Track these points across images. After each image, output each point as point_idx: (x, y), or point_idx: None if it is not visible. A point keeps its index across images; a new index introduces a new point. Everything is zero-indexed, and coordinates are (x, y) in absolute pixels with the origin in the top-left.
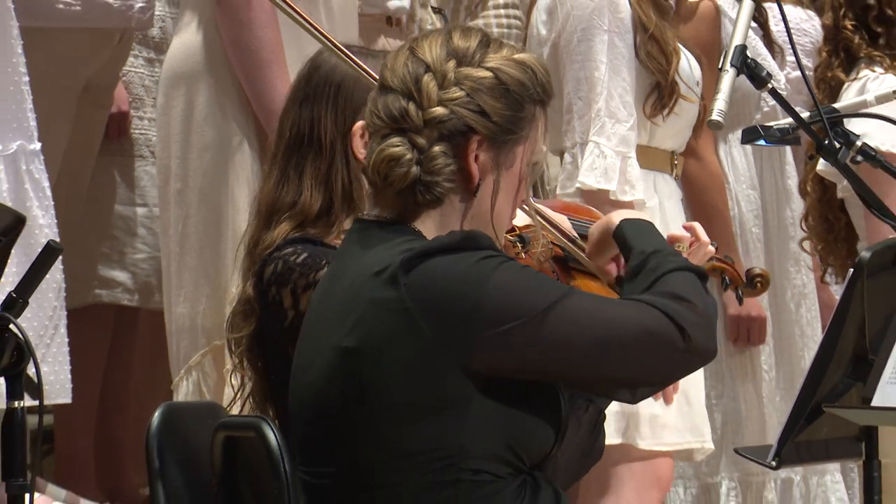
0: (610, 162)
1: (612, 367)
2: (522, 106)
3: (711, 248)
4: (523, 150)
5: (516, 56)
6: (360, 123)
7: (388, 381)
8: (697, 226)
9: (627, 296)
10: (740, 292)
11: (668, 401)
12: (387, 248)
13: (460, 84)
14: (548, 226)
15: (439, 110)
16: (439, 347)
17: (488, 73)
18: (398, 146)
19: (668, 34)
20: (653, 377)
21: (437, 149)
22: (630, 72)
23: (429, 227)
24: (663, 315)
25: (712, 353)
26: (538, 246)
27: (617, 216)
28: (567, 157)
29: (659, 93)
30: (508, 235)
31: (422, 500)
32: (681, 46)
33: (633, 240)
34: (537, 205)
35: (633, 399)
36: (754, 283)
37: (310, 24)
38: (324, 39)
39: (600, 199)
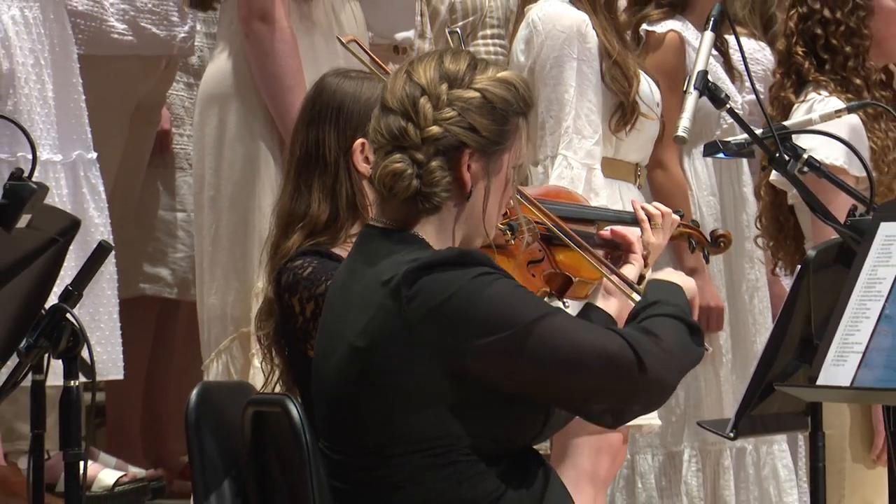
0: (576, 172)
1: (575, 387)
2: (507, 119)
3: (676, 217)
4: (509, 157)
5: (500, 75)
6: (359, 141)
7: (393, 379)
8: (660, 205)
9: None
10: (706, 251)
11: None
12: (395, 257)
13: (452, 105)
14: (541, 214)
15: (435, 129)
16: (436, 352)
17: (476, 94)
18: (400, 162)
19: (629, 61)
20: (608, 398)
21: (434, 163)
22: (596, 94)
23: (429, 231)
24: (626, 343)
25: (669, 386)
26: (525, 232)
27: (653, 276)
28: (540, 168)
29: (622, 111)
30: (499, 225)
31: (424, 478)
32: (641, 72)
33: (649, 292)
34: (527, 191)
35: (613, 424)
36: (718, 242)
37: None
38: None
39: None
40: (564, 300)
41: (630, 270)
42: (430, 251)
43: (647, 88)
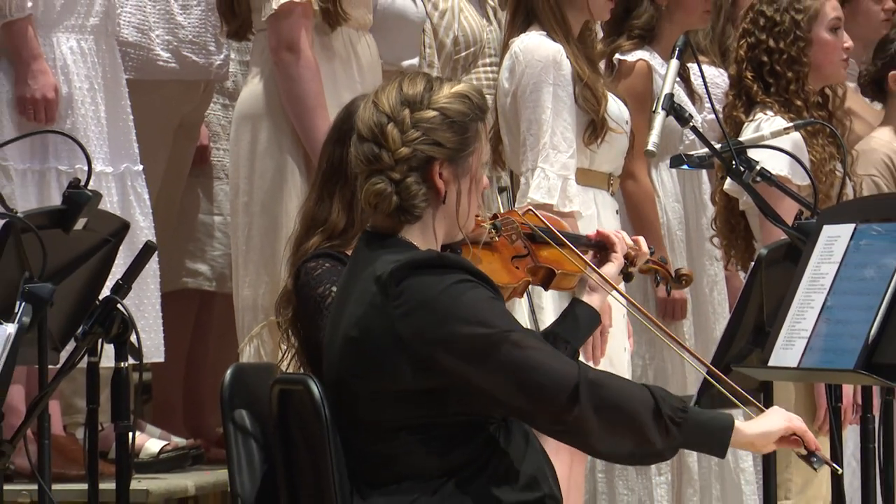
0: (553, 182)
1: (522, 399)
2: (467, 128)
3: (646, 250)
4: (474, 158)
5: (454, 90)
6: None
7: (380, 366)
8: (641, 239)
9: None
10: (669, 287)
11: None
12: (386, 257)
13: (416, 126)
14: (524, 217)
15: (404, 150)
16: (414, 345)
17: (436, 113)
18: (379, 184)
19: (598, 84)
20: (535, 413)
21: (409, 179)
22: (570, 113)
23: (415, 234)
24: (577, 376)
25: (591, 432)
26: (511, 229)
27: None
28: (522, 179)
29: (593, 127)
30: (484, 224)
31: (417, 449)
32: (610, 94)
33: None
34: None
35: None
36: (680, 280)
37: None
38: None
39: (548, 210)
40: (549, 289)
41: (611, 268)
42: (413, 254)
43: (616, 108)
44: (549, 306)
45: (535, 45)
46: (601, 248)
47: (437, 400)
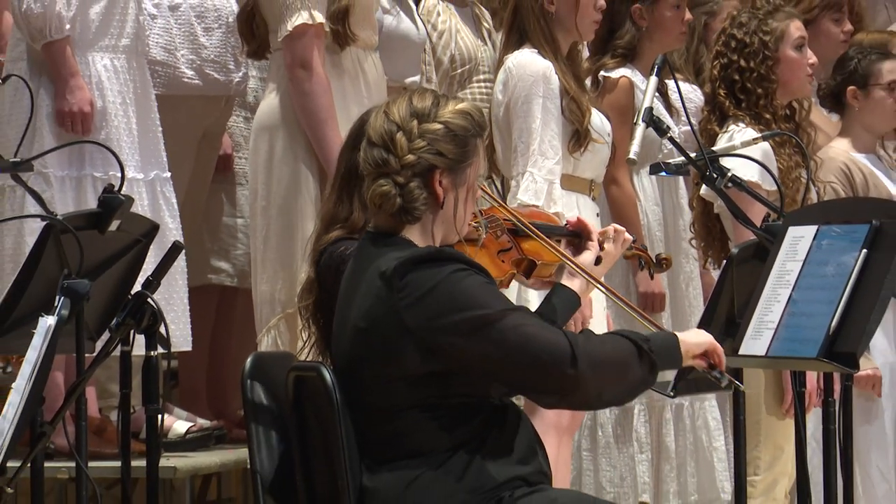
0: (539, 186)
1: (520, 371)
2: (467, 142)
3: (629, 237)
4: (471, 170)
5: (458, 107)
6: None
7: (388, 353)
8: (620, 227)
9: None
10: (652, 270)
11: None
12: (389, 254)
13: (422, 136)
14: (509, 213)
15: (410, 157)
16: (418, 332)
17: (441, 126)
18: (385, 185)
19: (583, 98)
20: (536, 386)
21: (412, 184)
22: (557, 124)
23: (414, 234)
24: (567, 342)
25: (592, 387)
26: (496, 226)
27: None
28: (513, 182)
29: (577, 137)
30: (472, 223)
31: (422, 427)
32: (593, 108)
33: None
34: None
35: (549, 406)
36: (661, 263)
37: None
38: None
39: (535, 211)
40: (531, 278)
41: (587, 255)
42: (413, 250)
43: (599, 120)
44: (533, 297)
45: (527, 61)
46: (577, 236)
47: (440, 383)
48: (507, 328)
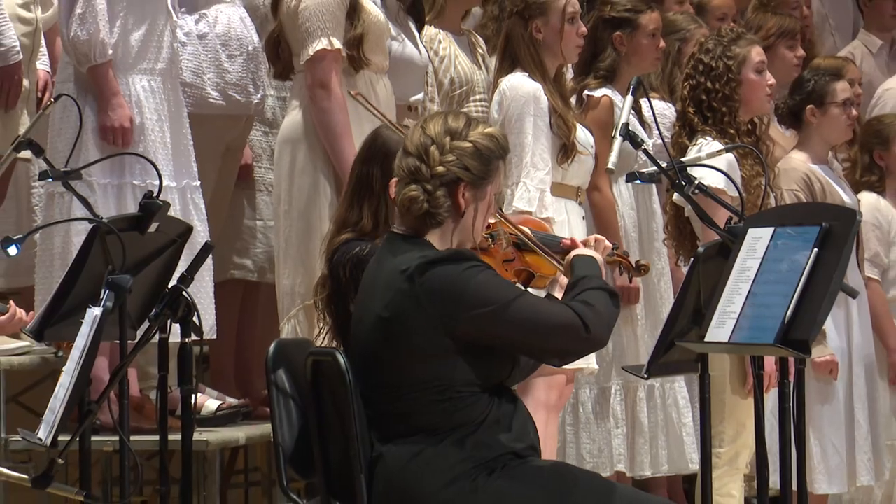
0: (532, 194)
1: (540, 342)
2: (491, 162)
3: (609, 245)
4: (491, 188)
5: (486, 131)
6: (394, 179)
7: (406, 339)
8: (601, 237)
9: (562, 300)
10: (630, 275)
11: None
12: (410, 254)
13: (453, 151)
14: (514, 228)
15: (440, 169)
16: (437, 321)
17: (470, 144)
18: (415, 191)
19: (569, 115)
20: (564, 352)
21: (439, 193)
22: (547, 138)
23: (435, 238)
24: (575, 314)
25: (604, 339)
26: (503, 239)
27: (575, 252)
28: (508, 191)
29: (564, 150)
30: (484, 234)
31: (428, 409)
32: (578, 123)
33: (576, 268)
34: (510, 216)
35: (560, 364)
36: (640, 269)
37: (379, 113)
38: (385, 120)
39: (528, 218)
40: (528, 289)
41: None
42: (435, 251)
43: (583, 135)
44: None
45: (519, 83)
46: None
47: (449, 369)
48: (522, 310)
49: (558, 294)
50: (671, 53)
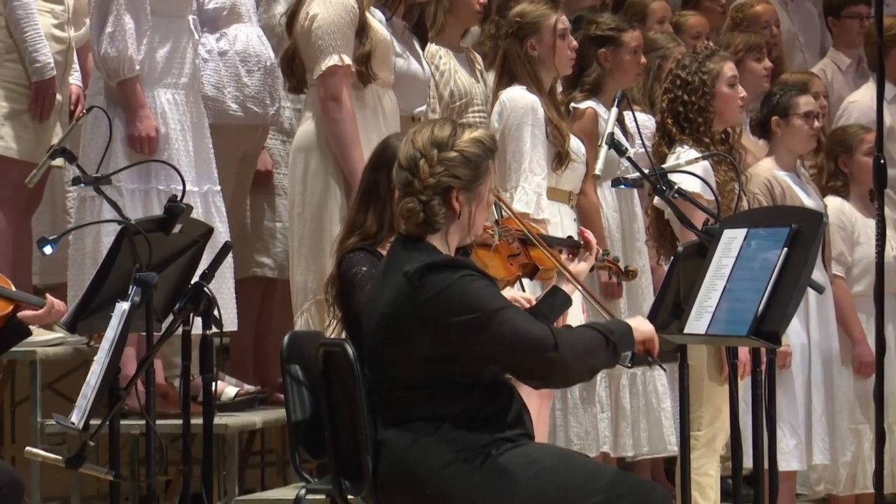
0: (530, 197)
1: (512, 355)
2: (479, 166)
3: (598, 249)
4: (485, 187)
5: (472, 136)
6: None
7: (406, 336)
8: (593, 240)
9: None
10: (620, 280)
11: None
12: (413, 255)
13: (441, 163)
14: (521, 225)
15: (431, 181)
16: (431, 323)
17: (457, 154)
18: (411, 203)
19: (563, 125)
20: (529, 371)
21: (434, 202)
22: (543, 147)
23: (436, 240)
24: (550, 333)
25: (573, 368)
26: (508, 235)
27: (632, 322)
28: (507, 194)
29: (559, 157)
30: (488, 230)
31: (428, 399)
32: (572, 135)
33: (614, 326)
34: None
35: (535, 386)
36: (628, 274)
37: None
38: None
39: (526, 218)
40: (533, 280)
41: (583, 266)
42: (435, 254)
43: (576, 144)
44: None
45: (518, 96)
46: (577, 247)
47: (446, 363)
48: (503, 323)
49: (566, 288)
50: (651, 69)
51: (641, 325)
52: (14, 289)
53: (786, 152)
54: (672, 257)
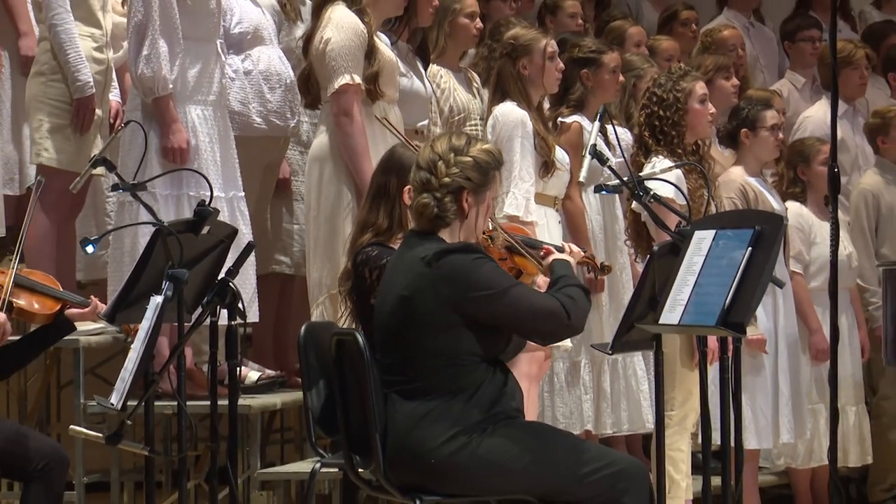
0: (519, 202)
1: (529, 324)
2: (488, 173)
3: (578, 250)
4: (490, 193)
5: (484, 147)
6: (407, 187)
7: (422, 315)
8: (573, 245)
9: (548, 291)
10: (597, 274)
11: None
12: (426, 246)
13: (457, 165)
14: (508, 235)
15: (446, 180)
16: (447, 300)
17: (470, 159)
18: (426, 199)
19: (549, 138)
20: (548, 334)
21: (447, 200)
22: (532, 156)
23: (445, 235)
24: (560, 304)
25: (581, 328)
26: (499, 241)
27: (554, 256)
28: (499, 198)
29: (545, 166)
30: (483, 236)
31: (436, 375)
32: (557, 146)
33: (556, 269)
34: (502, 224)
35: (543, 343)
36: (604, 269)
37: (397, 131)
38: (401, 137)
39: (516, 220)
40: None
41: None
42: (448, 244)
43: (561, 154)
44: None
45: (509, 110)
46: (560, 249)
47: (455, 340)
48: (518, 296)
49: (540, 280)
50: (627, 87)
51: (567, 256)
52: (61, 289)
53: (753, 161)
54: (648, 256)
